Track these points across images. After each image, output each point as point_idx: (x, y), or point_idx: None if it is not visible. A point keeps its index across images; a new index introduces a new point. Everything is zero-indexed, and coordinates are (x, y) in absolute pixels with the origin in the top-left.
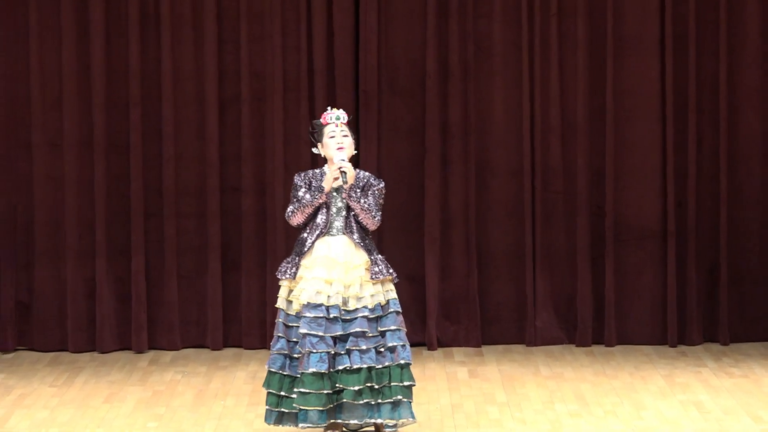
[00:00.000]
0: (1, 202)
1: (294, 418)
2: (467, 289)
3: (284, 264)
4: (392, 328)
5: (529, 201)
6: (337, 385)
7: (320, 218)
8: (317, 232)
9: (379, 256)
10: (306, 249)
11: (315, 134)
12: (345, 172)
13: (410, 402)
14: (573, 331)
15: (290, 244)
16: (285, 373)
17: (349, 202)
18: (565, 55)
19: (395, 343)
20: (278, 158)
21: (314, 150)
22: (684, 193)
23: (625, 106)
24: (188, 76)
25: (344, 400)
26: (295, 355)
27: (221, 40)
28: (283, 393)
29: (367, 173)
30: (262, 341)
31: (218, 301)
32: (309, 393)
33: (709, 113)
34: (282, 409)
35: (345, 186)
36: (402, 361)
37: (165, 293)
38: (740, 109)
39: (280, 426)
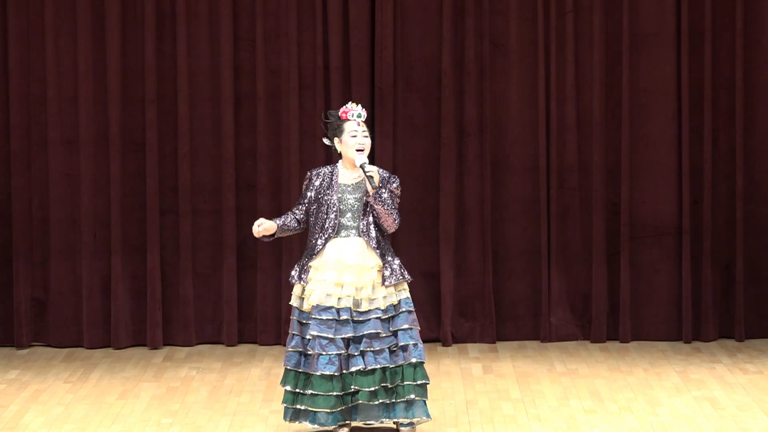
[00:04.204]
0: (18, 199)
1: (295, 415)
2: (482, 285)
3: (296, 268)
4: (404, 327)
5: (544, 198)
6: (351, 386)
7: (329, 220)
8: (327, 234)
9: (395, 260)
10: (316, 252)
11: (331, 126)
12: (372, 177)
13: (425, 401)
14: (588, 327)
15: (304, 241)
16: (300, 370)
17: (374, 205)
18: (580, 52)
19: (407, 342)
20: (294, 155)
21: (326, 141)
22: (700, 191)
23: (640, 103)
24: (204, 73)
25: (360, 402)
26: (309, 352)
27: (237, 37)
28: (298, 390)
29: (381, 170)
30: (277, 338)
31: (233, 297)
32: (318, 395)
33: (725, 110)
34: (297, 406)
35: (371, 190)
36: (414, 360)
37: (180, 290)
38: (756, 106)
39: (297, 423)
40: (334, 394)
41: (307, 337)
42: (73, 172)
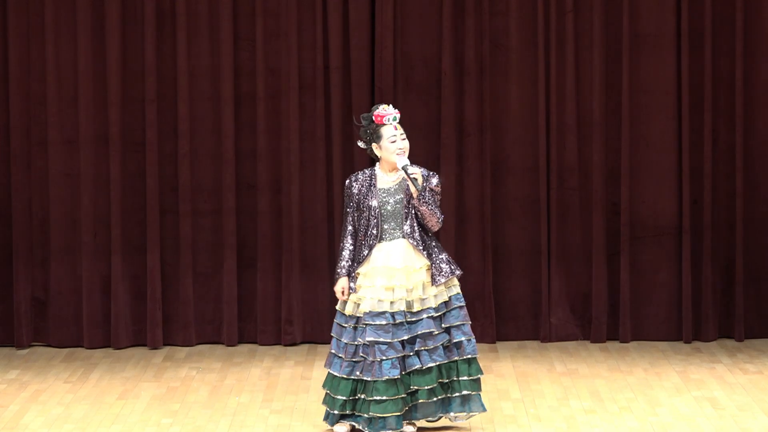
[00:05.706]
0: (18, 199)
1: (328, 416)
2: (482, 285)
3: None
4: (456, 323)
5: (544, 198)
6: (411, 386)
7: (371, 226)
8: (371, 240)
9: (443, 255)
10: (362, 258)
11: (366, 131)
12: (416, 179)
13: (479, 394)
14: (588, 327)
15: (305, 241)
16: (329, 370)
17: (419, 206)
18: (580, 53)
19: (460, 339)
20: (294, 156)
21: (361, 144)
22: (699, 191)
23: (640, 104)
24: (204, 73)
25: (419, 401)
26: (340, 355)
27: (237, 38)
28: (327, 390)
29: (420, 168)
30: (277, 338)
31: (233, 297)
32: (386, 400)
33: (725, 110)
34: (327, 409)
35: (415, 192)
36: (468, 356)
37: (180, 290)
38: (756, 106)
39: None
40: (401, 397)
41: (344, 339)
42: (73, 172)
